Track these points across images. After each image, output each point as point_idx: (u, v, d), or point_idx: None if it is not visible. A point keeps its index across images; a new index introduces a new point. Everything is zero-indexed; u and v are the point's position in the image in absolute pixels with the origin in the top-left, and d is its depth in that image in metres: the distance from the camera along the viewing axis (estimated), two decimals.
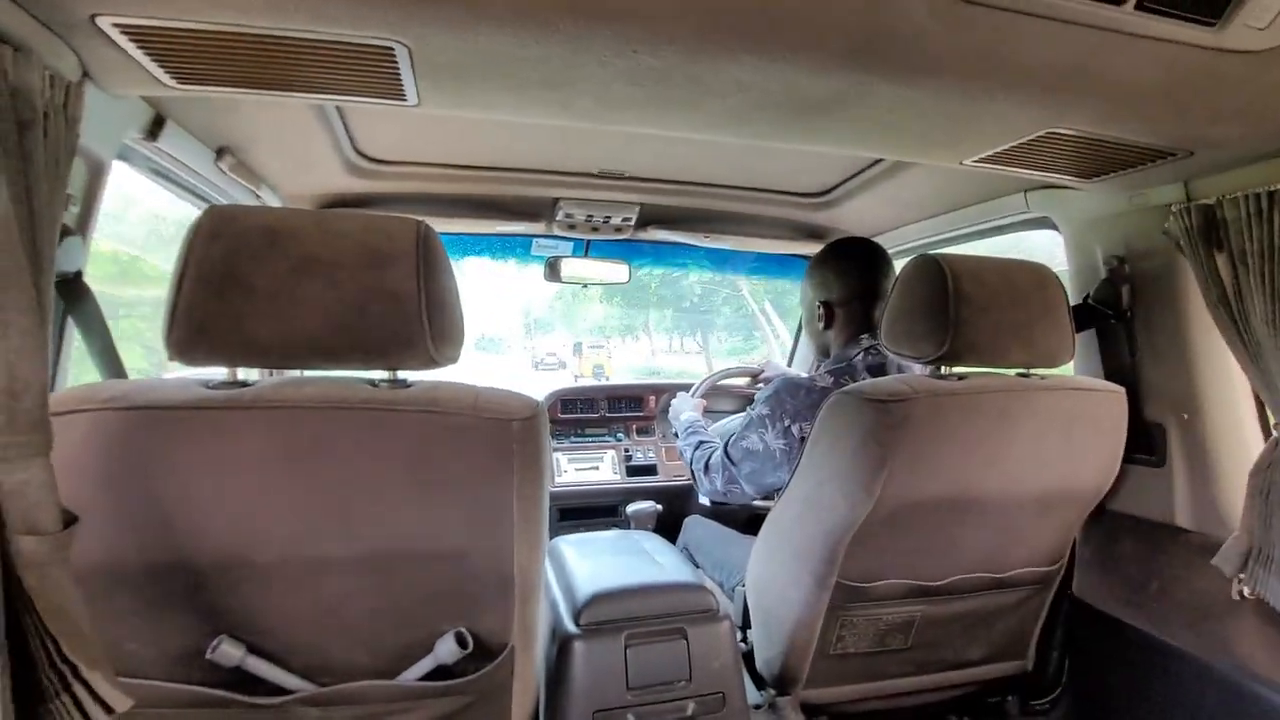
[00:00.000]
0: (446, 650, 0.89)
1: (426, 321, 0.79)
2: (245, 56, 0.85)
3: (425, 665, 0.90)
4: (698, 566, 1.84)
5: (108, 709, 0.62)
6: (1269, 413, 1.10)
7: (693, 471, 1.62)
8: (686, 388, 2.07)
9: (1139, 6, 0.71)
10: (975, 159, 1.15)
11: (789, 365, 2.54)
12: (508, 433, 0.81)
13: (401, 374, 0.85)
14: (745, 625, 1.42)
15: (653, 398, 2.42)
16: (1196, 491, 1.26)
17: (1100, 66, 0.83)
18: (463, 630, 0.90)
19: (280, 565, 0.81)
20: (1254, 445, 1.12)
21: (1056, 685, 1.48)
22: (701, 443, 1.64)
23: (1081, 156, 1.12)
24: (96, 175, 0.97)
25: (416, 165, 1.61)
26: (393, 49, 0.80)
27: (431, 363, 0.82)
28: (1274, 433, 1.08)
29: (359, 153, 1.52)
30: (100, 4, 0.72)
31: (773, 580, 1.31)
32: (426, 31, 0.77)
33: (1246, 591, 1.14)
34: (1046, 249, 1.71)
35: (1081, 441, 1.18)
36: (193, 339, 0.75)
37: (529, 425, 0.82)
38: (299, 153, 1.42)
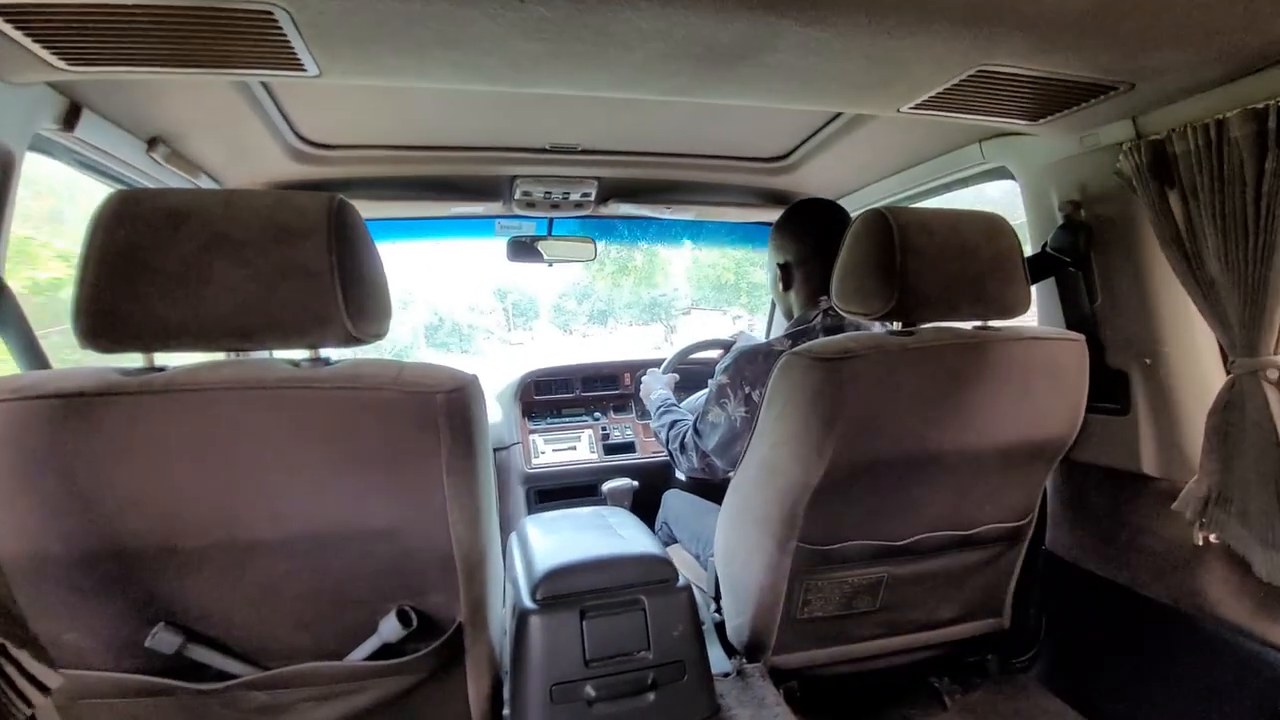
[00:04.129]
0: (390, 629, 0.88)
1: (341, 297, 0.77)
2: (132, 32, 0.82)
3: (371, 645, 0.89)
4: (675, 541, 1.84)
5: (41, 687, 0.61)
6: (1224, 353, 1.07)
7: (669, 451, 1.61)
8: (659, 364, 2.05)
9: None
10: (911, 105, 1.12)
11: (767, 335, 2.51)
12: (431, 406, 0.79)
13: (327, 353, 0.83)
14: (719, 595, 1.41)
15: (628, 375, 2.40)
16: (1161, 438, 1.23)
17: None
18: (405, 608, 0.89)
19: (209, 550, 0.80)
20: (1216, 388, 1.10)
21: (1034, 641, 1.48)
22: (675, 422, 1.63)
23: (1021, 96, 1.08)
24: (6, 168, 0.94)
25: (364, 149, 1.58)
26: (272, 12, 0.77)
27: (351, 339, 0.80)
28: (1230, 373, 1.05)
29: (299, 137, 1.49)
30: None
31: (737, 547, 1.30)
32: None
33: (1210, 536, 1.13)
34: (1010, 202, 1.68)
35: (1042, 392, 1.16)
36: (101, 326, 0.74)
37: (454, 398, 0.80)
38: (235, 140, 1.40)
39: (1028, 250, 1.22)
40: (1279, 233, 0.96)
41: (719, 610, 1.41)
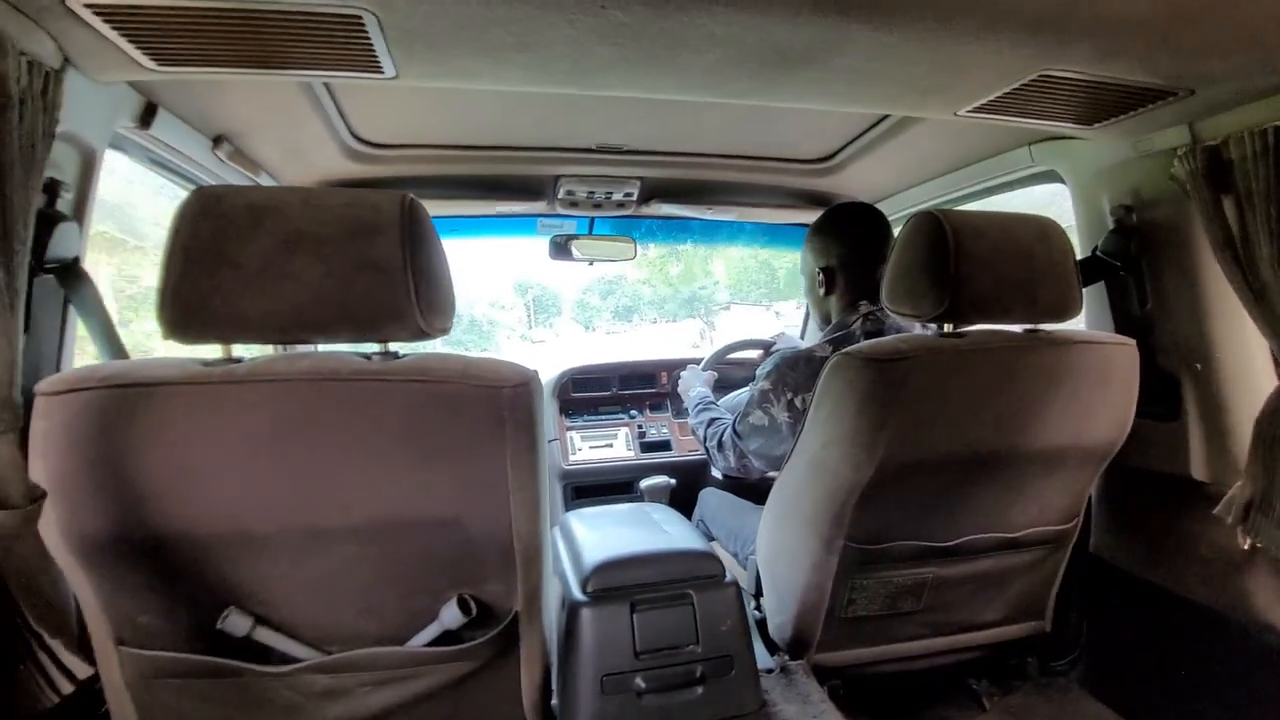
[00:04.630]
0: (451, 616, 0.91)
1: (414, 292, 0.80)
2: (219, 33, 0.86)
3: (432, 631, 0.92)
4: (712, 538, 1.85)
5: (71, 677, 0.64)
6: (1276, 359, 1.07)
7: (706, 449, 1.63)
8: (698, 362, 2.06)
9: None
10: (970, 108, 1.12)
11: (802, 337, 2.52)
12: (498, 400, 0.81)
13: (395, 346, 0.86)
14: (759, 593, 1.43)
15: (664, 374, 2.42)
16: (1211, 443, 1.23)
17: (1090, 2, 0.80)
18: (466, 596, 0.91)
19: (280, 536, 0.83)
20: (1266, 394, 1.09)
21: (1075, 645, 1.47)
22: (713, 420, 1.65)
23: (1079, 101, 1.09)
24: (89, 163, 0.99)
25: (414, 148, 1.62)
26: (360, 17, 0.80)
27: (421, 334, 0.83)
28: (1277, 380, 1.05)
29: (356, 137, 1.53)
30: None
31: (781, 546, 1.31)
32: None
33: (1249, 542, 1.12)
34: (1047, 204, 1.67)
35: (1091, 396, 1.16)
36: (185, 318, 0.77)
37: (519, 393, 0.82)
38: (294, 139, 1.44)
39: (1077, 253, 1.22)
40: None
41: (759, 607, 1.42)
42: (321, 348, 0.97)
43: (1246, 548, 1.13)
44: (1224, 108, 1.09)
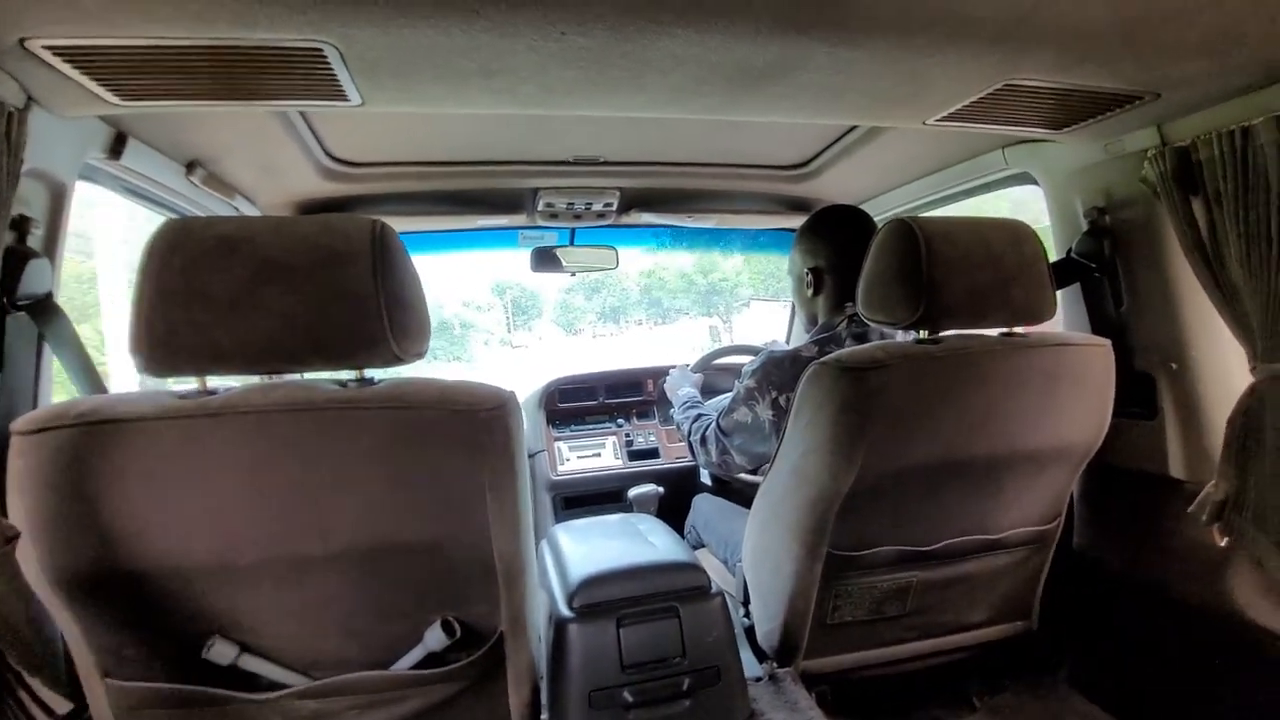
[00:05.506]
0: (435, 638, 0.91)
1: (387, 319, 0.80)
2: (183, 69, 0.86)
3: (416, 654, 0.92)
4: (703, 545, 1.86)
5: (50, 712, 0.64)
6: (1246, 358, 1.08)
7: (690, 443, 1.64)
8: (687, 365, 2.07)
9: None
10: (938, 118, 1.13)
11: (788, 339, 2.53)
12: (475, 423, 0.82)
13: (370, 373, 0.86)
14: (747, 600, 1.43)
15: (651, 381, 2.42)
16: (1188, 441, 1.24)
17: (1050, 10, 0.81)
18: (450, 618, 0.92)
19: (262, 566, 0.83)
20: (1240, 393, 1.10)
21: (1062, 643, 1.48)
22: (700, 415, 1.66)
23: (1047, 106, 1.10)
24: (59, 197, 0.98)
25: (390, 165, 1.62)
26: (322, 49, 0.81)
27: (395, 359, 0.83)
28: (1252, 377, 1.06)
29: (331, 156, 1.53)
30: (27, 29, 0.73)
31: (766, 553, 1.32)
32: (350, 30, 0.77)
33: (1224, 540, 1.14)
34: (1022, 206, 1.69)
35: (1068, 398, 1.17)
36: (159, 352, 0.77)
37: (496, 415, 0.83)
38: (269, 161, 1.44)
39: (1052, 255, 1.23)
40: None
41: (748, 615, 1.43)
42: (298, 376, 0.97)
43: (1223, 545, 1.14)
44: (1191, 110, 1.11)
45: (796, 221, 1.93)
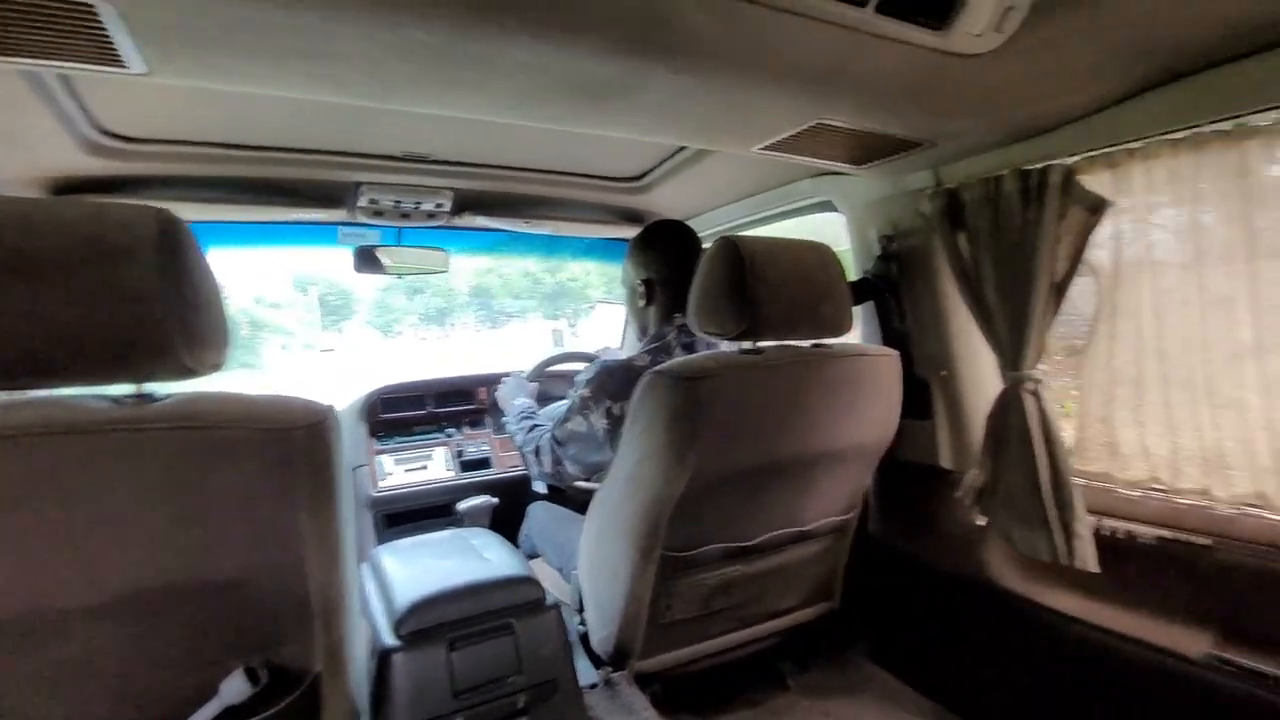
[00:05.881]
0: (234, 690, 0.79)
1: (176, 324, 0.69)
2: None
3: (210, 710, 0.80)
4: (538, 555, 1.83)
5: None
6: (999, 366, 1.30)
7: (523, 454, 1.62)
8: (520, 373, 2.03)
9: (879, 10, 0.79)
10: (761, 146, 1.23)
11: (621, 347, 2.58)
12: (289, 443, 0.73)
13: (151, 387, 0.73)
14: (582, 608, 1.44)
15: (483, 390, 2.35)
16: (955, 438, 1.46)
17: (855, 65, 0.91)
18: (254, 665, 0.81)
19: (7, 625, 0.67)
20: (994, 396, 1.32)
21: (860, 619, 1.67)
22: (534, 425, 1.64)
23: (850, 146, 1.24)
24: None
25: (179, 144, 1.40)
26: (93, 5, 0.68)
27: (187, 371, 0.71)
28: (1003, 383, 1.28)
29: (100, 129, 1.29)
30: None
31: (603, 559, 1.33)
32: None
33: (982, 520, 1.36)
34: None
35: (865, 402, 1.32)
36: None
37: (314, 433, 0.75)
38: (12, 130, 1.18)
39: (852, 274, 1.38)
40: (1037, 271, 1.18)
41: (583, 622, 1.44)
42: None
43: (982, 524, 1.36)
44: (959, 158, 1.31)
45: (631, 232, 1.97)
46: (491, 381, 2.30)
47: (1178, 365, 1.11)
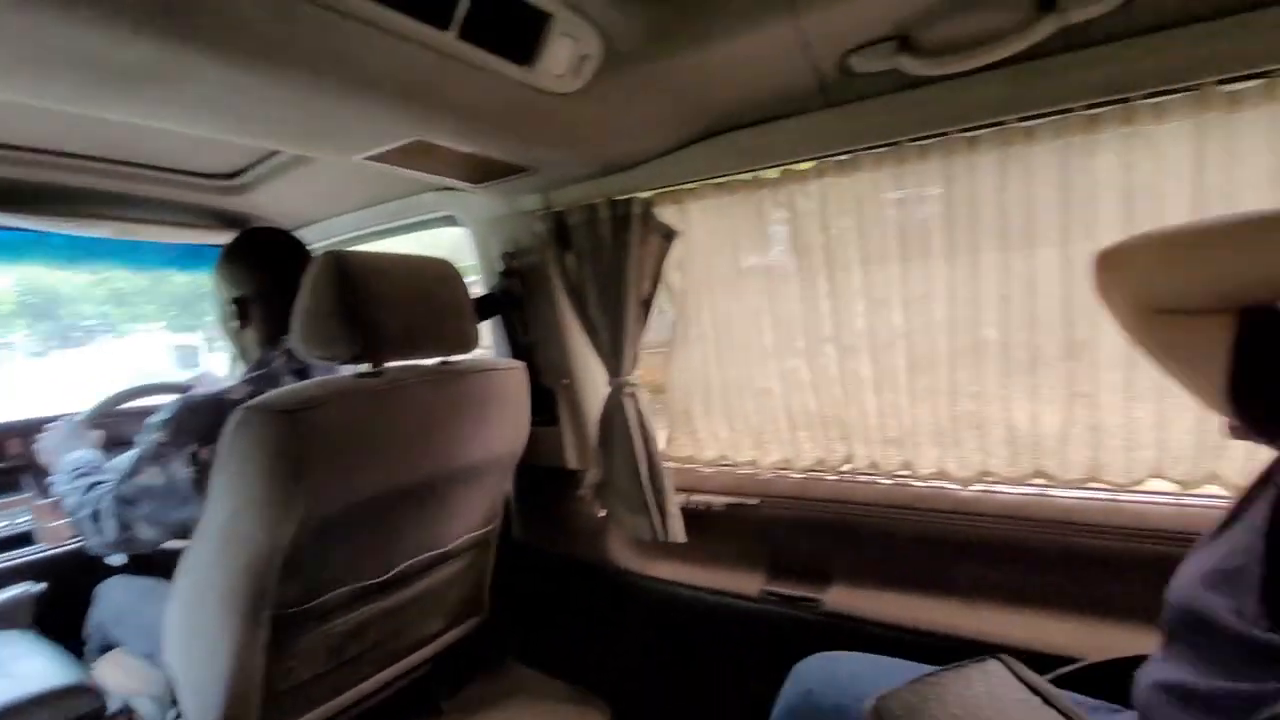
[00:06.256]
0: None
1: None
2: None
3: None
4: (114, 645, 1.45)
5: None
6: (606, 374, 1.47)
7: (78, 521, 1.25)
8: (73, 417, 1.57)
9: (462, 35, 0.80)
10: (365, 156, 1.16)
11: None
12: None
13: None
14: (175, 700, 1.18)
15: (17, 440, 1.76)
16: (577, 440, 1.61)
17: (450, 87, 0.91)
18: None
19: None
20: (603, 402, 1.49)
21: (510, 621, 1.72)
22: (93, 485, 1.28)
23: (461, 164, 1.25)
24: None
25: None
26: None
27: None
28: (609, 389, 1.45)
29: None
30: None
31: (198, 635, 1.11)
32: None
33: (602, 512, 1.53)
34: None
35: (496, 415, 1.35)
36: None
37: None
38: None
39: (484, 289, 1.41)
40: (628, 289, 1.36)
41: (179, 716, 1.18)
42: None
43: (601, 515, 1.52)
44: (564, 184, 1.43)
45: (229, 238, 1.69)
46: (31, 430, 1.73)
47: (729, 365, 1.40)
